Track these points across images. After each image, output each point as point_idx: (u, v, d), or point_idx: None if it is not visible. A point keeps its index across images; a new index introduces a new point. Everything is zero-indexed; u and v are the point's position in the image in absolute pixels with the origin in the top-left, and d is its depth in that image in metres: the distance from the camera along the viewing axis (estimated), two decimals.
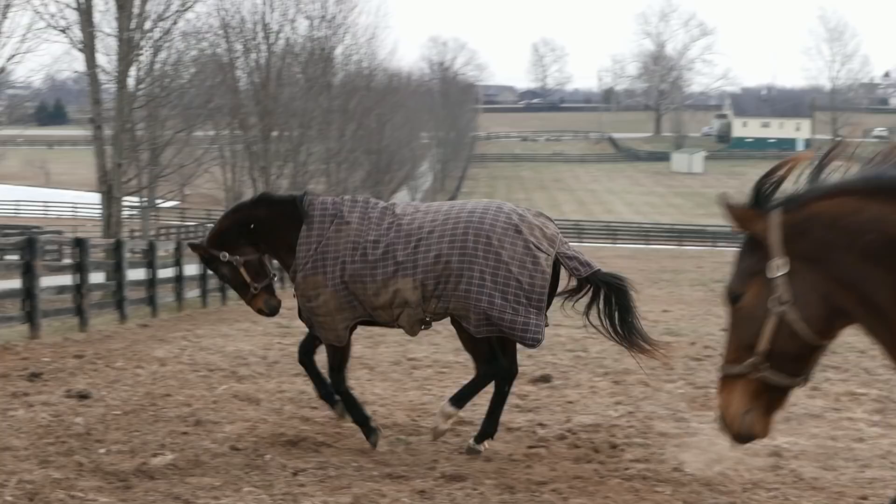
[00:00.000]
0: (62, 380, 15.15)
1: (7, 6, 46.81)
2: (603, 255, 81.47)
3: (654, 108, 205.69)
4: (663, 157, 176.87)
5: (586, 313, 10.75)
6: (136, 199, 54.27)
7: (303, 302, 11.07)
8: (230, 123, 58.67)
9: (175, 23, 41.42)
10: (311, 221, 10.97)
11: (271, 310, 11.59)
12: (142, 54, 39.53)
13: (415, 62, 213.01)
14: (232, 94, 56.25)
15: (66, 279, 24.44)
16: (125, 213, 42.98)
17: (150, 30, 39.24)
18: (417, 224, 10.76)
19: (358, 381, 14.89)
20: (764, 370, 4.85)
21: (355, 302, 10.78)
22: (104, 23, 38.75)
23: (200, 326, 23.38)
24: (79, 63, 40.99)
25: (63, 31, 37.18)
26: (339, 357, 11.28)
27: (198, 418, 12.08)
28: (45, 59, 79.25)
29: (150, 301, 27.80)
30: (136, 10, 37.24)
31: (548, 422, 12.35)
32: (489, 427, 10.84)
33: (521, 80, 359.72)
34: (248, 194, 58.49)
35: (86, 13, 36.00)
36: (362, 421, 11.05)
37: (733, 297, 4.98)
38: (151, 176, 48.32)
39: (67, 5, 36.64)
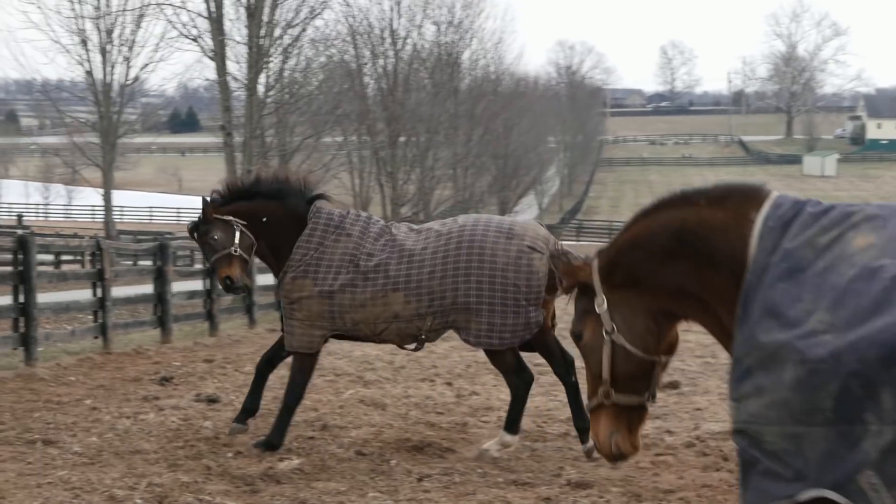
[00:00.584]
0: (192, 384, 15.38)
1: (140, 16, 47.92)
2: None
3: (786, 111, 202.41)
4: (795, 159, 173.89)
5: None
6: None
7: (285, 303, 11.19)
8: (358, 129, 59.07)
9: (304, 30, 41.82)
10: (315, 228, 11.09)
11: (239, 283, 11.54)
12: (271, 61, 39.95)
13: (542, 66, 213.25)
14: (360, 100, 56.65)
15: (197, 284, 24.82)
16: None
17: (280, 37, 39.64)
18: (412, 242, 10.91)
19: (484, 387, 14.88)
20: (613, 396, 5.36)
21: (336, 314, 10.84)
22: (234, 31, 39.27)
23: None
24: (210, 71, 41.53)
25: (195, 39, 37.78)
26: (307, 368, 11.28)
27: (324, 423, 12.17)
28: (178, 67, 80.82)
29: (279, 306, 27.98)
30: (265, 18, 37.65)
31: (676, 429, 12.19)
32: (579, 422, 10.79)
33: (650, 83, 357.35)
34: (376, 200, 58.95)
35: (217, 22, 36.51)
36: (275, 439, 10.95)
37: (576, 337, 5.54)
38: None
39: (199, 14, 37.23)
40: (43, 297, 18.36)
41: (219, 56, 36.57)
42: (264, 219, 11.40)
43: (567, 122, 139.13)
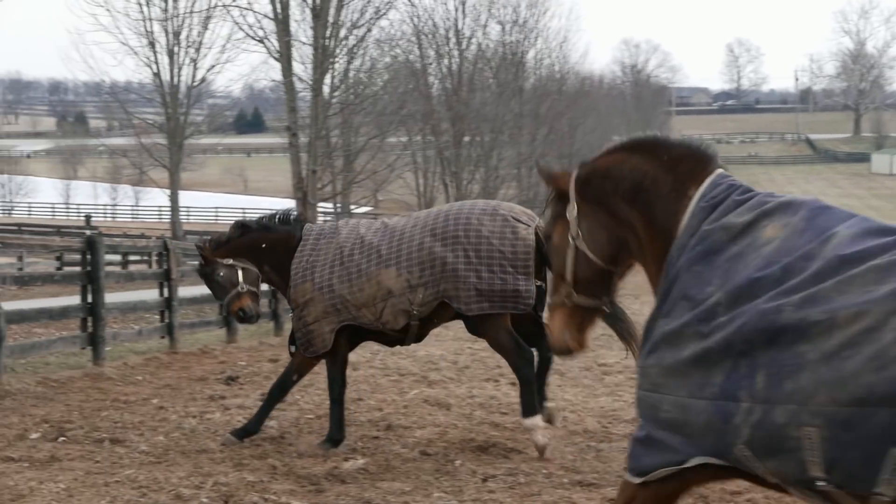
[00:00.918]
0: (257, 383, 15.45)
1: (207, 18, 48.26)
2: None
3: (854, 108, 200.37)
4: (863, 157, 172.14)
5: None
6: (330, 205, 55.12)
7: (295, 313, 11.54)
8: (422, 129, 59.17)
9: (369, 30, 41.95)
10: (307, 239, 11.59)
11: (252, 312, 12.04)
12: (336, 62, 40.10)
13: (607, 65, 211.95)
14: (424, 100, 56.70)
15: (263, 285, 24.91)
16: (320, 218, 43.60)
17: (345, 38, 39.78)
18: (402, 224, 11.30)
19: (548, 387, 14.82)
20: (574, 297, 5.74)
21: (340, 305, 11.13)
22: (300, 32, 39.45)
23: None
24: (275, 72, 41.81)
25: (261, 41, 37.94)
26: (337, 364, 11.59)
27: (389, 423, 12.17)
28: (244, 68, 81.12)
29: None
30: (331, 19, 37.78)
31: None
32: (540, 397, 11.11)
33: (716, 81, 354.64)
34: (440, 200, 59.00)
35: (283, 23, 36.66)
36: (335, 433, 11.27)
37: (546, 237, 6.04)
38: (345, 182, 49.03)
39: (265, 16, 37.41)
40: (110, 297, 18.54)
41: (285, 57, 36.72)
42: (264, 245, 11.90)
43: (632, 121, 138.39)
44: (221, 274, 12.02)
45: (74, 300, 18.39)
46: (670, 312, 5.03)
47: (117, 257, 42.01)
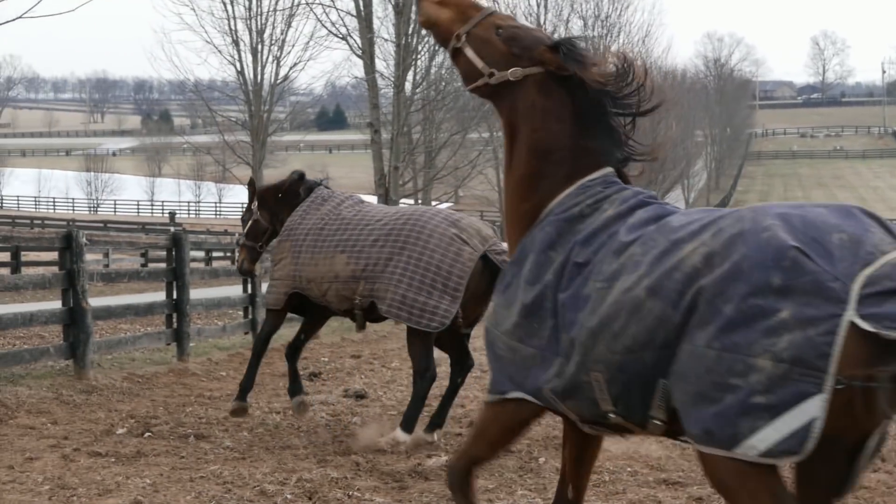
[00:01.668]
0: (340, 379, 15.50)
1: (291, 16, 48.48)
2: None
3: None
4: None
5: None
6: (412, 201, 55.25)
7: (271, 264, 12.22)
8: None
9: None
10: (304, 205, 12.10)
11: (243, 268, 13.18)
12: (419, 59, 40.11)
13: (689, 59, 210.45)
14: None
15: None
16: None
17: (427, 34, 39.76)
18: (371, 214, 11.56)
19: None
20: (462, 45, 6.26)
21: (298, 273, 11.65)
22: (382, 29, 39.56)
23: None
24: (358, 69, 41.80)
25: (343, 38, 38.05)
26: (271, 322, 12.42)
27: (471, 419, 12.12)
28: (326, 65, 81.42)
29: None
30: (413, 16, 37.78)
31: None
32: (438, 419, 11.32)
33: (800, 74, 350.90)
34: None
35: (365, 20, 36.74)
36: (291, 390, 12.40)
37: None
38: (427, 178, 49.10)
39: (348, 13, 37.52)
40: (195, 294, 18.69)
41: (367, 54, 36.79)
42: (279, 195, 12.62)
43: (715, 116, 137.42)
44: (245, 217, 13.10)
45: (159, 296, 18.56)
46: (521, 263, 5.84)
47: (201, 254, 42.41)
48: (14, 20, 14.12)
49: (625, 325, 5.17)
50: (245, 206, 13.32)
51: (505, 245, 10.31)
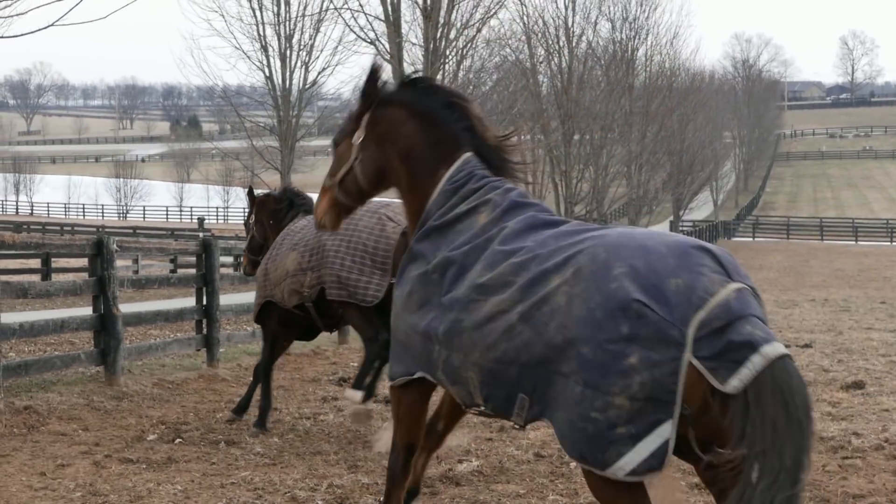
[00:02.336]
0: None
1: (319, 21, 48.50)
2: None
3: None
4: None
5: None
6: None
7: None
8: (532, 128, 58.96)
9: (479, 30, 41.86)
10: (286, 230, 12.62)
11: (245, 272, 13.85)
12: (447, 63, 40.08)
13: (717, 60, 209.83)
14: (534, 98, 56.45)
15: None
16: None
17: (455, 38, 39.74)
18: None
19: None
20: (337, 193, 7.46)
21: (267, 283, 12.29)
22: (411, 33, 39.51)
23: None
24: (386, 73, 41.90)
25: (372, 42, 38.07)
26: (266, 342, 12.96)
27: (501, 424, 12.07)
28: (354, 70, 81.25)
29: None
30: (441, 20, 37.79)
31: (863, 431, 11.84)
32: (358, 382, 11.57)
33: (829, 74, 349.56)
34: (549, 199, 58.83)
35: (394, 24, 36.74)
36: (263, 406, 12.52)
37: (335, 143, 7.55)
38: None
39: (377, 17, 37.53)
40: (225, 299, 18.71)
41: (396, 58, 36.79)
42: (271, 214, 13.28)
43: (743, 117, 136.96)
44: (247, 224, 13.85)
45: (189, 302, 18.58)
46: (414, 260, 6.78)
47: (230, 259, 42.49)
48: (45, 28, 14.12)
49: (497, 340, 5.97)
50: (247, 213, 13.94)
51: None
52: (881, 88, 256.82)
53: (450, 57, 40.34)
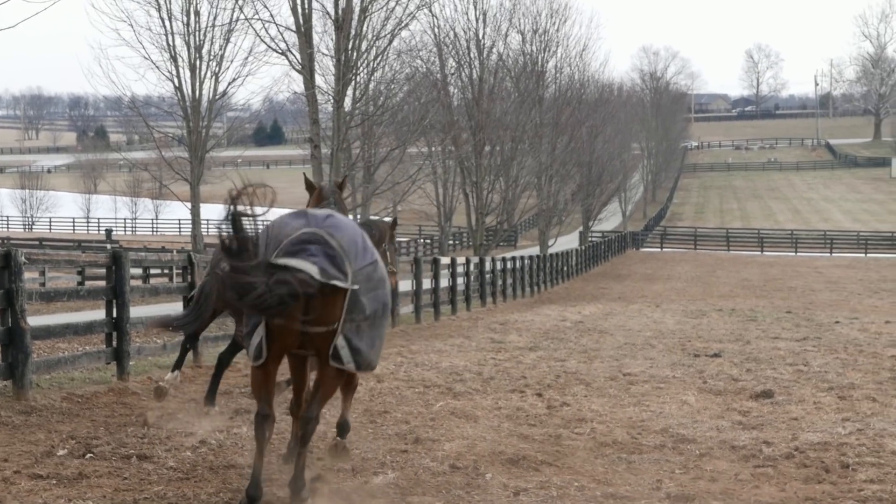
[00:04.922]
0: (283, 396, 15.37)
1: (230, 31, 48.29)
2: (820, 265, 79.68)
3: (874, 113, 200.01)
4: (883, 162, 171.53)
5: None
6: (350, 216, 55.15)
7: None
8: (443, 140, 59.15)
9: (390, 42, 41.95)
10: None
11: None
12: (358, 74, 40.10)
13: (626, 73, 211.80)
14: (445, 110, 56.67)
15: None
16: None
17: (367, 50, 39.77)
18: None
19: (575, 398, 14.77)
20: None
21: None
22: (322, 44, 39.53)
23: (414, 342, 23.44)
24: (297, 84, 41.79)
25: (283, 53, 38.03)
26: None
27: (416, 436, 12.09)
28: (265, 81, 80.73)
29: None
30: (353, 31, 37.79)
31: (773, 439, 12.00)
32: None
33: (735, 87, 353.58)
34: (460, 210, 59.01)
35: (305, 35, 36.70)
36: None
37: None
38: (366, 193, 49.01)
39: (288, 28, 37.49)
40: (135, 312, 18.51)
41: (307, 69, 36.76)
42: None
43: (651, 129, 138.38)
44: None
45: (98, 315, 18.36)
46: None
47: (139, 271, 42.06)
48: None
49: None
50: None
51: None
52: (785, 101, 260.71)
53: (361, 68, 40.38)
